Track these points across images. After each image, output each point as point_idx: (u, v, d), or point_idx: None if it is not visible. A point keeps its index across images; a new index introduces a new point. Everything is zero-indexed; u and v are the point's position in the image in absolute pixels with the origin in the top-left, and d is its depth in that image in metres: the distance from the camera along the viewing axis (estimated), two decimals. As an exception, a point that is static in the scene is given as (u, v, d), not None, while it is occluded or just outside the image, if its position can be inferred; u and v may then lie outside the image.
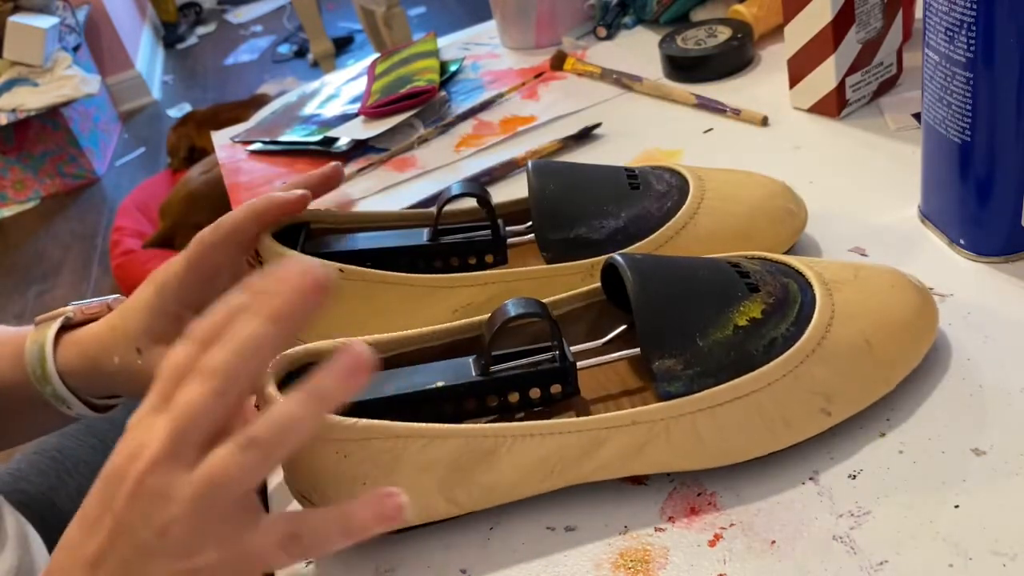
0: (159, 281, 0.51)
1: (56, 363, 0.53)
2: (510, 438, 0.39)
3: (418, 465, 0.38)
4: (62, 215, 2.92)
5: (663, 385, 0.40)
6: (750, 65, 0.77)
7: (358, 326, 0.48)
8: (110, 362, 0.51)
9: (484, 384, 0.41)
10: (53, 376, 0.53)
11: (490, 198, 0.52)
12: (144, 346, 0.51)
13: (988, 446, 0.39)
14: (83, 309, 0.55)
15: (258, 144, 0.89)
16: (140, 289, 0.52)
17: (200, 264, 0.50)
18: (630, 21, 0.91)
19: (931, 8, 0.45)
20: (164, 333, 0.51)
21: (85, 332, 0.53)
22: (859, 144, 0.62)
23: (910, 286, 0.44)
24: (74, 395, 0.54)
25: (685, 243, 0.50)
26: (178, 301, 0.51)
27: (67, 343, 0.53)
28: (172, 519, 0.35)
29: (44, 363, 0.53)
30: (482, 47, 0.98)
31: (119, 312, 0.52)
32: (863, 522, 0.37)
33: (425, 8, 3.76)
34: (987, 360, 0.43)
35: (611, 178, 0.53)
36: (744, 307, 0.41)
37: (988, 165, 0.45)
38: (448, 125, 0.81)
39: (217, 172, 2.18)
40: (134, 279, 2.12)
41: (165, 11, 4.29)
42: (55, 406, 0.54)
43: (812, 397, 0.40)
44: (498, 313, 0.41)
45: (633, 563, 0.38)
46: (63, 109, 2.89)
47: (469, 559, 0.40)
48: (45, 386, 0.53)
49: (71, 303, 0.55)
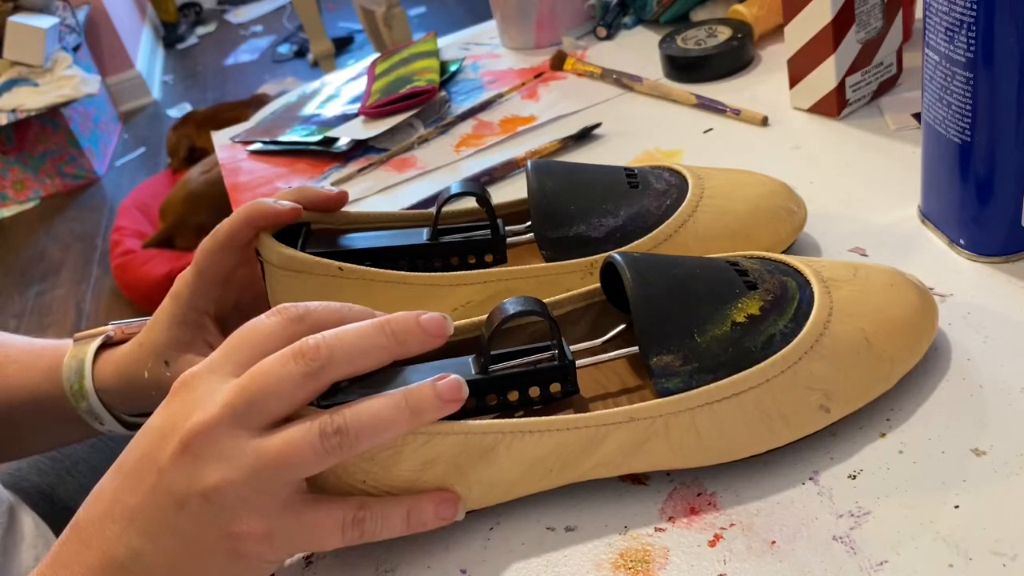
0: (174, 293, 0.53)
1: (94, 380, 0.54)
2: (509, 435, 0.39)
3: (417, 462, 0.38)
4: (62, 215, 2.92)
5: (661, 382, 0.40)
6: (750, 65, 0.77)
7: None
8: (140, 377, 0.53)
9: (483, 383, 0.41)
10: (90, 392, 0.54)
11: (490, 197, 0.52)
12: (171, 357, 0.52)
13: (988, 446, 0.39)
14: (123, 329, 0.56)
15: (258, 144, 0.89)
16: (160, 306, 0.54)
17: (207, 270, 0.52)
18: (630, 21, 0.91)
19: (931, 8, 0.45)
20: (188, 342, 0.53)
21: (119, 350, 0.55)
22: (859, 144, 0.62)
23: (909, 285, 0.44)
24: (108, 411, 0.55)
25: (684, 241, 0.50)
26: (194, 308, 0.52)
27: (104, 361, 0.55)
28: (224, 481, 0.35)
29: (83, 379, 0.54)
30: (482, 47, 0.98)
31: (145, 330, 0.54)
32: (863, 522, 0.37)
33: (425, 8, 3.76)
34: (987, 360, 0.43)
35: (610, 177, 0.53)
36: (742, 304, 0.41)
37: (988, 165, 0.45)
38: (448, 125, 0.81)
39: (217, 172, 2.18)
40: (134, 279, 2.12)
41: (165, 11, 4.29)
42: (87, 421, 0.56)
43: (811, 394, 0.40)
44: (497, 312, 0.41)
45: (633, 563, 0.38)
46: (63, 109, 2.89)
47: (469, 559, 0.40)
48: (80, 401, 0.55)
49: (111, 323, 0.57)
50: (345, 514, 0.38)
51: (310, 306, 0.38)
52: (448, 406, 0.38)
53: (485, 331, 0.41)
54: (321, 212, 0.53)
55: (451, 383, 0.38)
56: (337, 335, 0.37)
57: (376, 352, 0.37)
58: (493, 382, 0.42)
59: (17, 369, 0.57)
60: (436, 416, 0.38)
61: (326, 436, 0.35)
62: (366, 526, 0.38)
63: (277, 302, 0.50)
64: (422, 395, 0.37)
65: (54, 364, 0.56)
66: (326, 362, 0.36)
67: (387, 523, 0.38)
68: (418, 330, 0.38)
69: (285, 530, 0.36)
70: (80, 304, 2.38)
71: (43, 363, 0.57)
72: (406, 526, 0.39)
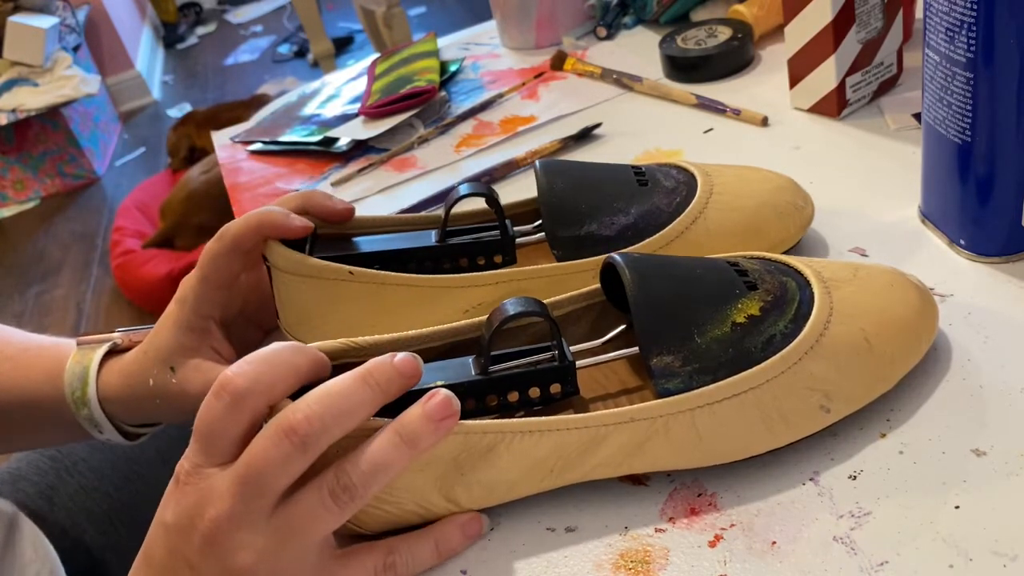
0: (180, 297, 0.52)
1: (98, 388, 0.53)
2: (510, 435, 0.39)
3: (418, 463, 0.38)
4: (62, 215, 2.92)
5: (661, 382, 0.40)
6: (750, 65, 0.77)
7: (369, 329, 0.48)
8: (145, 384, 0.52)
9: (483, 383, 0.41)
10: (93, 400, 0.53)
11: (498, 197, 0.52)
12: (177, 363, 0.51)
13: (988, 446, 0.39)
14: (131, 336, 0.55)
15: (258, 144, 0.89)
16: (166, 311, 0.53)
17: (212, 275, 0.51)
18: (630, 21, 0.91)
19: (931, 8, 0.45)
20: (194, 348, 0.52)
21: (124, 358, 0.54)
22: (859, 144, 0.62)
23: (909, 285, 0.44)
24: (109, 420, 0.54)
25: (696, 238, 0.50)
26: (199, 313, 0.52)
27: (109, 369, 0.54)
28: (256, 563, 0.36)
29: (86, 387, 0.53)
30: (482, 47, 0.98)
31: (149, 337, 0.53)
32: (863, 523, 0.37)
33: (425, 8, 3.76)
34: (987, 360, 0.43)
35: (619, 175, 0.53)
36: (742, 304, 0.41)
37: (988, 165, 0.45)
38: (448, 125, 0.81)
39: (217, 172, 2.18)
40: (134, 279, 2.12)
41: (165, 11, 4.29)
42: (86, 428, 0.55)
43: (811, 394, 0.40)
44: (497, 312, 0.41)
45: (633, 564, 0.38)
46: (63, 109, 2.89)
47: (469, 559, 0.40)
48: (82, 409, 0.54)
49: (118, 329, 0.56)
50: (376, 562, 0.39)
51: (247, 372, 0.37)
52: (443, 425, 0.38)
53: (485, 332, 0.41)
54: (324, 222, 0.53)
55: (439, 403, 0.38)
56: (322, 402, 0.36)
57: (362, 408, 0.37)
58: (493, 383, 0.42)
59: (12, 368, 0.56)
60: (435, 440, 0.38)
61: (337, 497, 0.36)
62: (398, 569, 0.39)
63: (285, 308, 0.50)
64: (414, 424, 0.37)
65: (55, 367, 0.55)
66: (318, 433, 0.36)
67: (418, 559, 0.39)
68: (396, 374, 0.38)
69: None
70: (80, 304, 2.38)
71: (43, 364, 0.56)
72: (436, 556, 0.40)
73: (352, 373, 0.37)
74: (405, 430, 0.37)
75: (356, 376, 0.37)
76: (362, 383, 0.37)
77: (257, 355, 0.38)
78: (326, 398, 0.36)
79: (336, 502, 0.36)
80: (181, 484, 0.37)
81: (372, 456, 0.37)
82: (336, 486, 0.36)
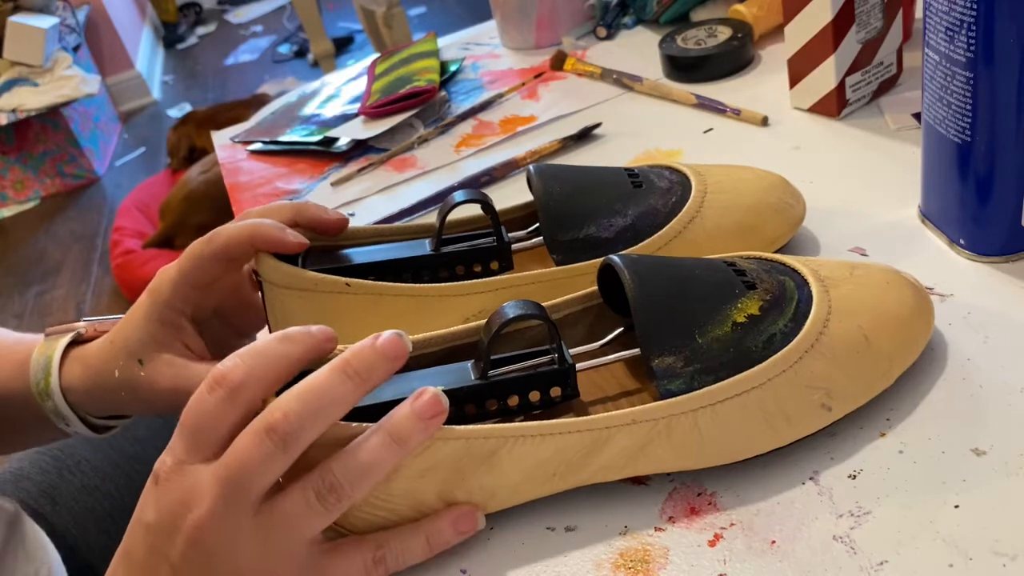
0: (154, 289, 0.51)
1: (60, 378, 0.52)
2: (511, 439, 0.39)
3: (418, 468, 0.38)
4: (62, 215, 2.92)
5: (663, 383, 0.40)
6: (750, 65, 0.77)
7: None
8: (111, 376, 0.51)
9: (483, 388, 0.41)
10: (56, 391, 0.52)
11: (493, 204, 0.52)
12: (146, 356, 0.50)
13: (988, 446, 0.39)
14: (96, 326, 0.54)
15: (258, 144, 0.89)
16: (137, 302, 0.52)
17: (192, 274, 0.50)
18: (630, 21, 0.91)
19: (931, 8, 0.45)
20: (164, 342, 0.50)
21: (88, 348, 0.53)
22: (859, 144, 0.62)
23: (905, 283, 0.44)
24: (74, 412, 0.53)
25: (693, 237, 0.50)
26: (173, 309, 0.50)
27: (73, 358, 0.53)
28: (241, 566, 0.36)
29: (48, 377, 0.52)
30: (482, 47, 0.98)
31: (118, 327, 0.52)
32: (863, 522, 0.37)
33: (425, 8, 3.76)
34: (987, 360, 0.43)
35: (614, 178, 0.53)
36: (742, 304, 0.41)
37: (988, 165, 0.45)
38: (448, 125, 0.81)
39: (217, 172, 2.18)
40: (134, 279, 2.12)
41: (165, 11, 4.29)
42: (53, 421, 0.54)
43: (812, 392, 0.40)
44: (496, 316, 0.41)
45: (633, 563, 0.38)
46: (63, 109, 2.89)
47: (469, 559, 0.40)
48: (46, 400, 0.53)
49: (84, 319, 0.55)
50: (364, 557, 0.38)
51: (241, 365, 0.36)
52: (432, 423, 0.37)
53: (484, 336, 0.41)
54: (317, 234, 0.52)
55: (426, 401, 0.37)
56: (300, 398, 0.36)
57: (343, 400, 0.36)
58: (493, 387, 0.41)
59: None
60: (423, 438, 0.37)
61: (323, 497, 0.36)
62: (388, 563, 0.38)
63: (278, 322, 0.49)
64: (402, 423, 0.37)
65: (24, 359, 0.54)
66: (297, 430, 0.35)
67: (408, 553, 0.39)
68: (378, 359, 0.37)
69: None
70: (80, 304, 2.38)
71: (17, 358, 0.54)
72: (427, 550, 0.39)
73: (331, 364, 0.37)
74: (394, 429, 0.37)
75: (335, 367, 0.36)
76: (341, 375, 0.36)
77: (248, 349, 0.37)
78: (305, 394, 0.36)
79: (322, 502, 0.36)
80: (162, 481, 0.37)
81: (360, 456, 0.36)
82: (322, 486, 0.36)
